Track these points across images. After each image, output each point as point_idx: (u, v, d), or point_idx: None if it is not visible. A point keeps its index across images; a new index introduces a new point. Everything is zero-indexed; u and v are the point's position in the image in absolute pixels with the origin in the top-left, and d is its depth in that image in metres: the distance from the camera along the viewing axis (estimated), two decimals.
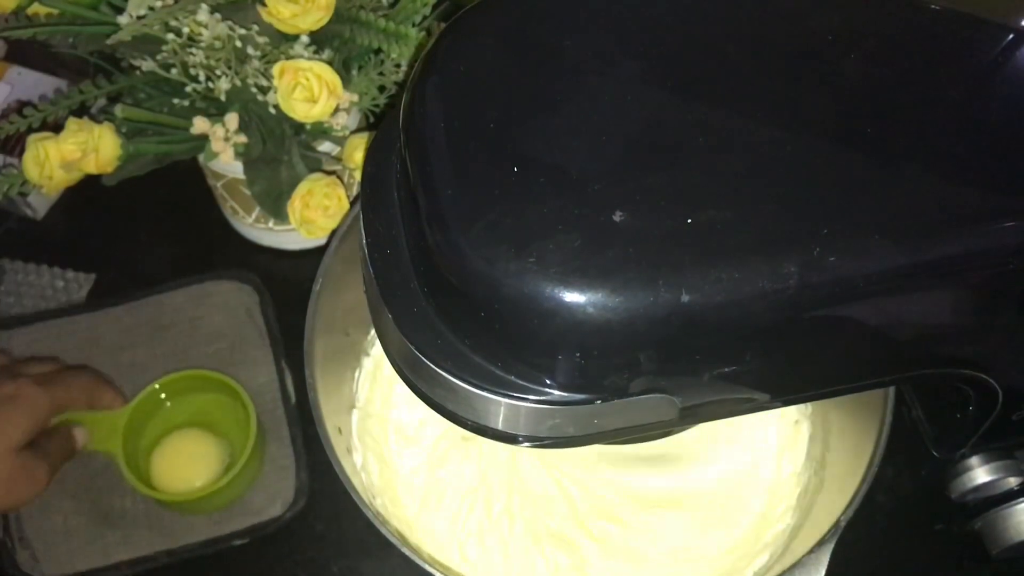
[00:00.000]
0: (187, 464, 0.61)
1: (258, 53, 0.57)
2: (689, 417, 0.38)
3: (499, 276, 0.32)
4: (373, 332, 0.63)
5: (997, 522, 0.52)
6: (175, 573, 0.60)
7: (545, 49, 0.37)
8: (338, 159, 0.65)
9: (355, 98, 0.60)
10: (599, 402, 0.36)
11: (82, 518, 0.61)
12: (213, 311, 0.68)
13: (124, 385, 0.64)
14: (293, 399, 0.65)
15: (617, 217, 0.33)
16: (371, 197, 0.41)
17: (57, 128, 0.58)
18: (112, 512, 0.61)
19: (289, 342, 0.67)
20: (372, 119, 0.67)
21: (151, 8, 0.55)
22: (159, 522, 0.61)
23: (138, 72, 0.60)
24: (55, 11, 0.58)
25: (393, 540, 0.49)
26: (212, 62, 0.57)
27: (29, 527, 0.60)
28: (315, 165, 0.64)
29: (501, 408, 0.36)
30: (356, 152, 0.63)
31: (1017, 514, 0.52)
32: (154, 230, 0.75)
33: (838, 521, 0.49)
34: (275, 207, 0.63)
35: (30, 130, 0.57)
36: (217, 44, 0.56)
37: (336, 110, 0.58)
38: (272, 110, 0.59)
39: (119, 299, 0.69)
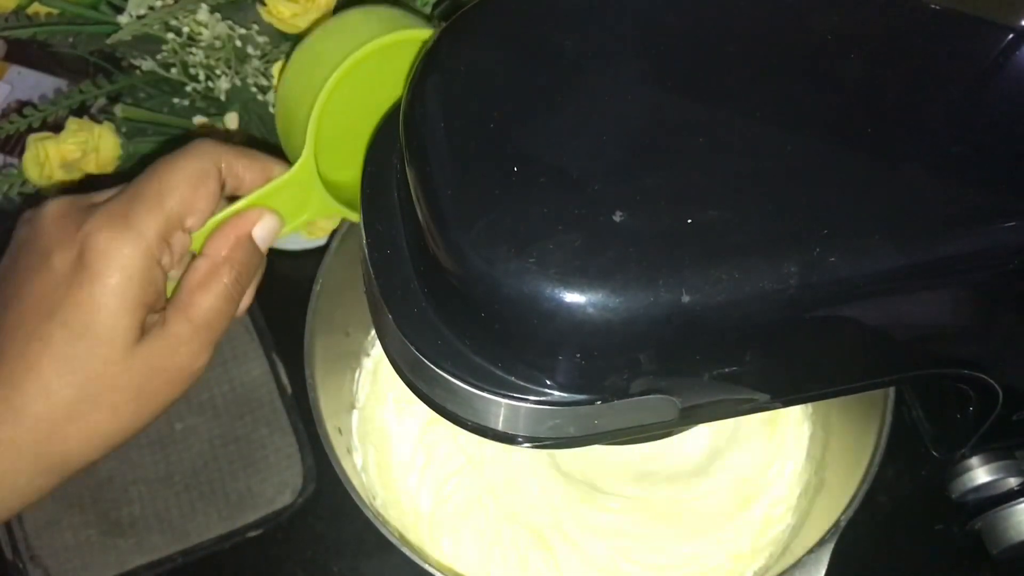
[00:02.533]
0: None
1: (258, 53, 0.57)
2: (689, 417, 0.38)
3: (499, 276, 0.32)
4: (373, 332, 0.63)
5: (997, 522, 0.52)
6: (179, 573, 0.60)
7: (545, 48, 0.37)
8: None
9: None
10: (599, 403, 0.36)
11: (92, 530, 0.60)
12: None
13: None
14: (289, 390, 0.65)
15: (617, 217, 0.33)
16: (371, 197, 0.41)
17: (57, 128, 0.58)
18: (122, 520, 0.61)
19: (289, 341, 0.67)
20: None
21: (151, 8, 0.55)
22: (171, 524, 0.61)
23: (138, 72, 0.60)
24: (55, 11, 0.58)
25: (393, 540, 0.49)
26: (212, 62, 0.57)
27: (38, 545, 0.60)
28: None
29: (501, 409, 0.36)
30: None
31: (1017, 514, 0.52)
32: None
33: (838, 521, 0.49)
34: None
35: (30, 130, 0.57)
36: (217, 44, 0.56)
37: None
38: (272, 110, 0.59)
39: None
